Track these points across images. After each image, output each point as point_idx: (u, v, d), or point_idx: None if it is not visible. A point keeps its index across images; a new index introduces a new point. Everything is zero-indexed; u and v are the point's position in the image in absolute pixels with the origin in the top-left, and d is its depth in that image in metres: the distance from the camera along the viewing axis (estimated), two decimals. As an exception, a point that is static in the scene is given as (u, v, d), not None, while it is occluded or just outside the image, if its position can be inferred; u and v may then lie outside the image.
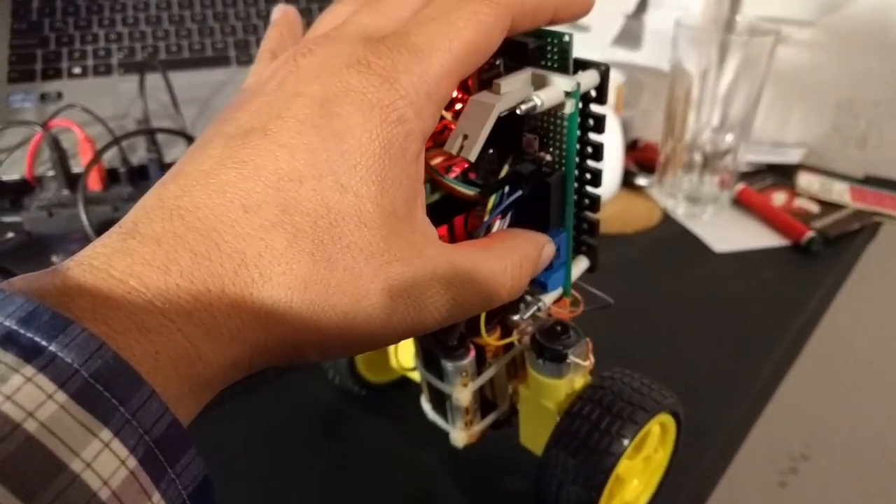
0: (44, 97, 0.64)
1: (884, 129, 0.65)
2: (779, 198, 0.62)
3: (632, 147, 0.71)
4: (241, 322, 0.18)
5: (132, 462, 0.14)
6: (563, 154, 0.26)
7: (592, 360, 0.30)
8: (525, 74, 0.24)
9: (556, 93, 0.24)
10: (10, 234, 0.50)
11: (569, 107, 0.24)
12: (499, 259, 0.23)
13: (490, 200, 0.26)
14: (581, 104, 0.25)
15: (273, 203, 0.18)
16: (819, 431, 0.71)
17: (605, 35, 0.68)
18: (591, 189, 0.27)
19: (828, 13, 0.64)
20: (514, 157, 0.27)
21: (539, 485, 0.30)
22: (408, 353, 0.35)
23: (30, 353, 0.14)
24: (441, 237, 0.27)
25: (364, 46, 0.20)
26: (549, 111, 0.25)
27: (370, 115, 0.19)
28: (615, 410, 0.28)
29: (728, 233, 0.58)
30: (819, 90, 0.67)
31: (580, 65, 0.25)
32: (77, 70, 0.67)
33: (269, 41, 0.26)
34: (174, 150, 0.61)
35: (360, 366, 0.40)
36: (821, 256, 0.55)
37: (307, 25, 0.26)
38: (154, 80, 0.63)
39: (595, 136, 0.26)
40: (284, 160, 0.18)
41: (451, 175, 0.27)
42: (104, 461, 0.14)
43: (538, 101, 0.23)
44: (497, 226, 0.26)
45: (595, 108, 0.26)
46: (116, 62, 0.68)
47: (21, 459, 0.13)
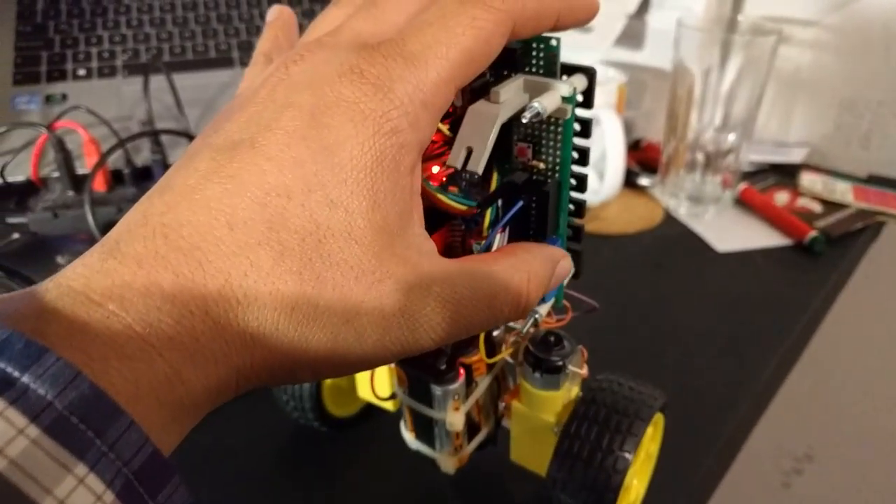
0: (49, 99, 0.65)
1: (887, 129, 0.65)
2: (781, 197, 0.62)
3: (634, 147, 0.71)
4: (226, 345, 0.17)
5: (109, 497, 0.14)
6: (558, 161, 0.25)
7: (587, 369, 0.29)
8: (518, 81, 0.23)
9: (556, 98, 0.23)
10: (16, 235, 0.50)
11: (567, 112, 0.23)
12: (505, 275, 0.22)
13: (487, 214, 0.25)
14: None
15: (259, 220, 0.17)
16: (823, 432, 0.71)
17: (608, 35, 0.68)
18: (577, 194, 0.27)
19: (831, 12, 0.64)
20: (501, 167, 0.26)
21: None
22: (384, 382, 0.33)
23: (1, 386, 0.14)
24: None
25: (357, 54, 0.19)
26: (542, 118, 0.24)
27: (362, 127, 0.18)
28: (613, 425, 0.27)
29: (730, 232, 0.58)
30: (822, 90, 0.67)
31: (566, 69, 0.24)
32: (82, 72, 0.67)
33: (264, 43, 0.26)
34: (178, 151, 0.61)
35: (327, 399, 0.37)
36: (824, 256, 0.55)
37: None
38: (158, 82, 0.64)
39: (581, 141, 0.25)
40: (272, 174, 0.18)
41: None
42: (78, 498, 0.14)
43: (541, 108, 0.22)
44: (499, 240, 0.25)
45: (582, 113, 0.25)
46: (121, 64, 0.68)
47: None
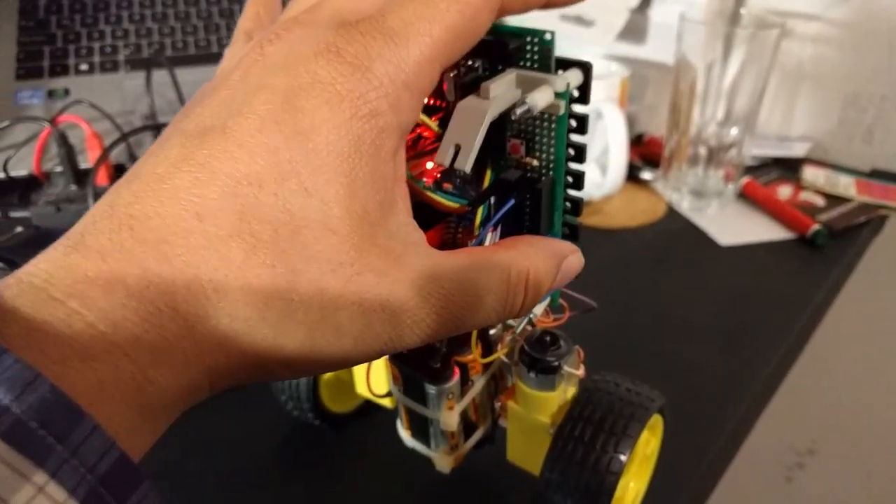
0: (51, 94, 0.65)
1: (890, 123, 0.65)
2: (784, 191, 0.62)
3: (636, 142, 0.71)
4: (196, 344, 0.16)
5: None
6: (551, 158, 0.24)
7: (584, 369, 0.29)
8: (510, 76, 0.22)
9: (549, 94, 0.22)
10: (19, 229, 0.50)
11: (560, 108, 0.23)
12: (500, 270, 0.20)
13: (478, 212, 0.24)
14: None
15: (230, 210, 0.16)
16: (825, 426, 0.71)
17: (610, 30, 0.68)
18: (574, 192, 0.26)
19: (834, 6, 0.63)
20: (494, 164, 0.25)
21: None
22: (380, 379, 0.32)
23: None
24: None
25: (335, 32, 0.18)
26: (535, 114, 0.24)
27: (339, 109, 0.17)
28: (608, 427, 0.27)
29: (733, 226, 0.58)
30: (825, 84, 0.67)
31: (562, 63, 0.23)
32: (84, 67, 0.67)
33: (245, 21, 0.24)
34: (180, 146, 0.61)
35: (325, 395, 0.37)
36: (826, 249, 0.55)
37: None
38: (160, 77, 0.64)
39: (577, 138, 0.25)
40: (243, 162, 0.16)
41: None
42: None
43: (532, 104, 0.21)
44: (489, 238, 0.25)
45: (577, 108, 0.24)
46: (123, 59, 0.68)
47: None
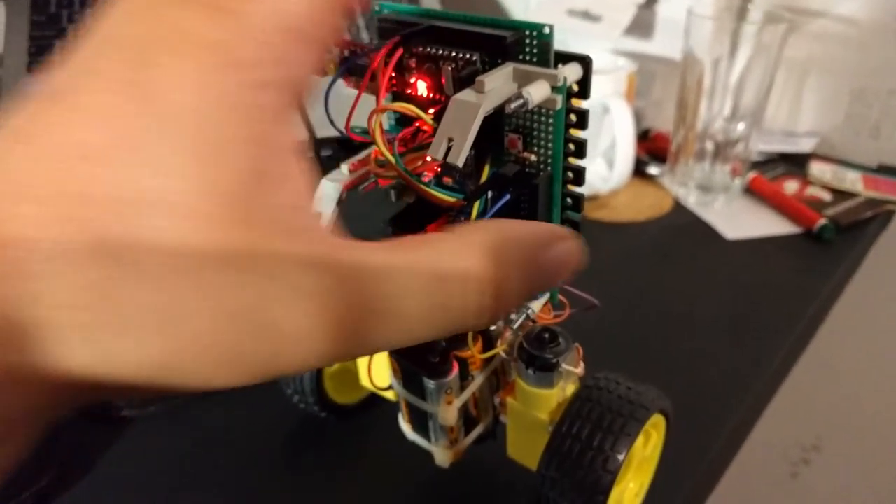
0: (63, 87, 0.65)
1: (897, 119, 0.65)
2: (791, 186, 0.62)
3: (643, 137, 0.71)
4: (6, 373, 0.13)
5: None
6: (549, 153, 0.24)
7: (583, 367, 0.28)
8: (507, 70, 0.22)
9: (544, 88, 0.22)
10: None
11: (557, 103, 0.22)
12: (457, 263, 0.16)
13: (475, 206, 0.24)
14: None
15: (60, 193, 0.13)
16: (831, 422, 0.71)
17: (617, 25, 0.68)
18: (574, 188, 0.25)
19: (841, 2, 0.63)
20: (494, 158, 0.25)
21: None
22: (382, 372, 0.32)
23: None
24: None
25: None
26: (533, 108, 0.23)
27: (201, 62, 0.14)
28: (606, 425, 0.27)
29: (740, 220, 0.58)
30: (832, 79, 0.67)
31: (561, 58, 0.23)
32: (95, 61, 0.68)
33: None
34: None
35: (329, 387, 0.36)
36: (833, 244, 0.55)
37: None
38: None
39: (578, 133, 0.24)
40: (81, 131, 0.13)
41: (424, 180, 0.25)
42: None
43: (528, 98, 0.21)
44: None
45: (577, 103, 0.24)
46: (133, 53, 0.69)
47: None
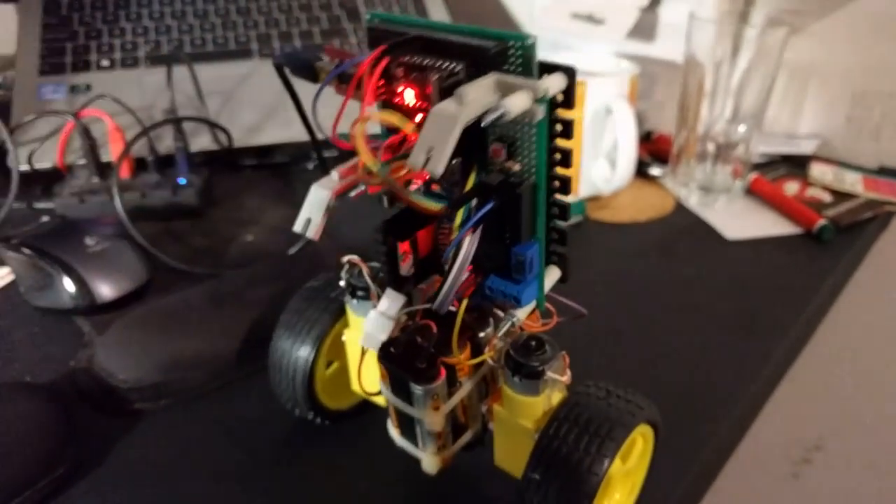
0: (73, 89, 0.66)
1: (898, 121, 0.65)
2: (791, 187, 0.63)
3: (645, 139, 0.72)
4: None
5: None
6: (533, 162, 0.24)
7: (570, 375, 0.28)
8: (489, 81, 0.22)
9: (524, 99, 0.22)
10: (46, 218, 0.52)
11: (539, 113, 0.23)
12: None
13: (458, 214, 0.24)
14: (548, 110, 0.24)
15: None
16: (833, 422, 0.72)
17: (620, 28, 0.69)
18: (561, 197, 0.26)
19: (842, 5, 0.64)
20: (480, 167, 0.26)
21: None
22: (372, 377, 0.32)
23: None
24: (404, 253, 0.25)
25: None
26: (516, 119, 0.24)
27: None
28: (593, 429, 0.27)
29: (740, 221, 0.59)
30: (833, 82, 0.67)
31: (546, 68, 0.23)
32: (105, 63, 0.69)
33: None
34: (199, 140, 0.63)
35: (320, 391, 0.36)
36: (832, 244, 0.55)
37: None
38: (178, 73, 0.65)
39: (563, 143, 0.24)
40: None
41: (412, 187, 0.26)
42: None
43: (505, 110, 0.21)
44: (468, 241, 0.25)
45: (562, 113, 0.24)
46: (143, 55, 0.70)
47: None
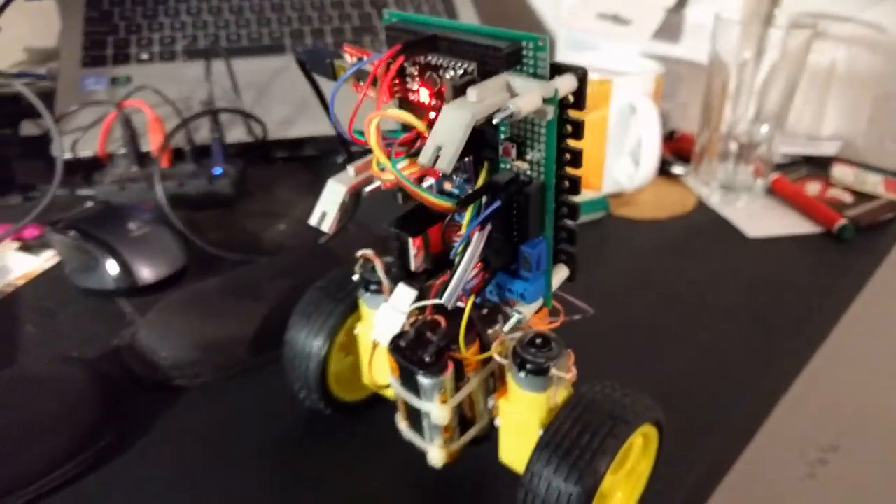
0: (114, 81, 0.69)
1: (921, 124, 0.66)
2: (813, 188, 0.63)
3: (669, 138, 0.73)
4: None
5: None
6: (542, 162, 0.25)
7: (575, 373, 0.29)
8: (500, 80, 0.23)
9: (534, 99, 0.22)
10: (90, 203, 0.54)
11: (549, 113, 0.23)
12: None
13: (468, 211, 0.25)
14: (559, 110, 0.24)
15: None
16: (849, 422, 0.72)
17: (646, 29, 0.70)
18: (571, 197, 0.26)
19: (867, 8, 0.65)
20: (491, 165, 0.26)
21: None
22: (383, 370, 0.32)
23: None
24: (416, 249, 0.26)
25: None
26: (527, 118, 0.24)
27: None
28: (595, 426, 0.27)
29: (761, 219, 0.60)
30: (856, 84, 0.68)
31: (558, 69, 0.24)
32: (144, 56, 0.72)
33: None
34: (234, 132, 0.65)
35: (332, 383, 0.36)
36: (852, 244, 0.56)
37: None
38: (214, 67, 0.68)
39: (573, 143, 0.25)
40: None
41: (426, 184, 0.27)
42: None
43: (514, 109, 0.21)
44: (476, 238, 0.25)
45: (573, 114, 0.24)
46: (181, 49, 0.72)
47: None
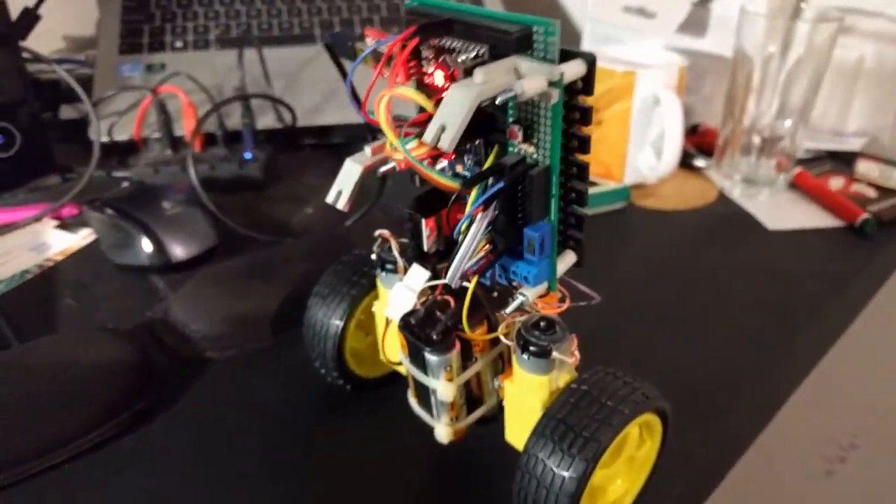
0: (149, 67, 0.71)
1: (949, 121, 0.65)
2: (836, 182, 0.63)
3: (692, 131, 0.73)
4: None
5: None
6: (548, 146, 0.25)
7: (578, 357, 0.29)
8: (507, 63, 0.23)
9: (538, 82, 0.22)
10: (126, 184, 0.56)
11: (554, 96, 0.23)
12: None
13: (473, 192, 0.26)
14: (567, 96, 0.25)
15: None
16: (869, 420, 0.72)
17: (671, 22, 0.70)
18: (579, 183, 0.26)
19: (892, 2, 0.64)
20: (501, 149, 0.27)
21: (517, 487, 0.29)
22: (396, 347, 0.33)
23: None
24: (429, 229, 0.28)
25: None
26: (534, 102, 0.25)
27: None
28: (593, 413, 0.28)
29: (782, 213, 0.60)
30: (883, 80, 0.67)
31: (568, 55, 0.24)
32: (179, 44, 0.74)
33: None
34: (264, 119, 0.67)
35: (349, 359, 0.37)
36: (874, 239, 0.56)
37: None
38: (246, 55, 0.69)
39: (582, 129, 0.25)
40: None
41: (439, 167, 0.27)
42: None
43: (518, 91, 0.22)
44: (479, 217, 0.26)
45: (581, 100, 0.25)
46: (214, 38, 0.74)
47: None
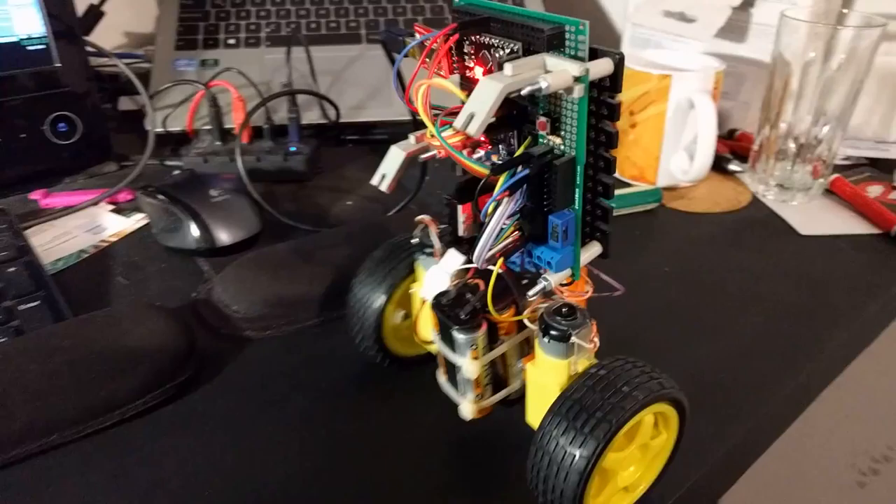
0: (203, 63, 0.75)
1: None
2: (874, 190, 0.63)
3: (729, 136, 0.73)
4: None
5: None
6: (574, 138, 0.27)
7: (597, 344, 0.30)
8: (538, 59, 0.25)
9: (564, 76, 0.24)
10: (177, 172, 0.59)
11: (577, 91, 0.25)
12: None
13: (501, 178, 0.27)
14: (596, 93, 0.26)
15: None
16: (903, 433, 0.71)
17: (710, 26, 0.71)
18: (605, 176, 0.28)
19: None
20: (533, 140, 0.28)
21: (530, 463, 0.30)
22: (428, 326, 0.34)
23: None
24: (465, 214, 0.30)
25: None
26: (562, 96, 0.26)
27: None
28: (606, 397, 0.29)
29: (816, 218, 0.60)
30: (928, 89, 0.67)
31: (598, 53, 0.25)
32: (231, 41, 0.77)
33: None
34: (310, 114, 0.70)
35: (389, 337, 0.39)
36: (910, 247, 0.56)
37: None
38: (293, 53, 0.72)
39: (608, 125, 0.27)
40: None
41: (476, 156, 0.30)
42: None
43: (543, 84, 0.23)
44: (504, 203, 0.27)
45: (609, 97, 0.26)
46: (264, 36, 0.78)
47: None
